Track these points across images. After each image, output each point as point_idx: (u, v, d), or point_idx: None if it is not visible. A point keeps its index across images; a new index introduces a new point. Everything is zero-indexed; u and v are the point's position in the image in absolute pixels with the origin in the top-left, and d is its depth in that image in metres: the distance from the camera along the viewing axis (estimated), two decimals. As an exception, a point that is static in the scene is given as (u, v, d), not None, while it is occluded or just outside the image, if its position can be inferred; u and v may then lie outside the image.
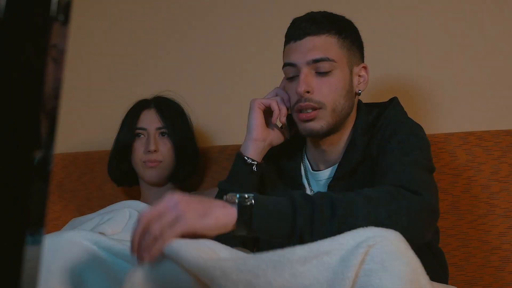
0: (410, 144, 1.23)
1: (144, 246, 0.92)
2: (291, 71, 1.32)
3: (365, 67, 1.36)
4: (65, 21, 0.49)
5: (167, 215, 0.93)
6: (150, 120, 1.79)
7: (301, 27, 1.30)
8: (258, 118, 1.37)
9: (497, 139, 1.59)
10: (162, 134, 1.78)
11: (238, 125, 2.03)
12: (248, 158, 1.35)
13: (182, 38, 2.14)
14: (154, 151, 1.74)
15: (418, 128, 1.30)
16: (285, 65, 1.32)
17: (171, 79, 2.14)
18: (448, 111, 1.78)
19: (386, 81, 1.84)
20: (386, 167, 1.19)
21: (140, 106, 1.83)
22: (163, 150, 1.77)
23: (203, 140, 2.03)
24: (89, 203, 2.03)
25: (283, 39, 1.35)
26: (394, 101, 1.36)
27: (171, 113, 1.82)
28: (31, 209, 0.47)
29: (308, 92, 1.27)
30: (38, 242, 0.50)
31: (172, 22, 2.16)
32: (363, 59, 1.37)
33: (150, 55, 2.19)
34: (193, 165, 1.85)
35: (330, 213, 1.01)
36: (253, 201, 0.99)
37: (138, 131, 1.78)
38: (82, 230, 1.15)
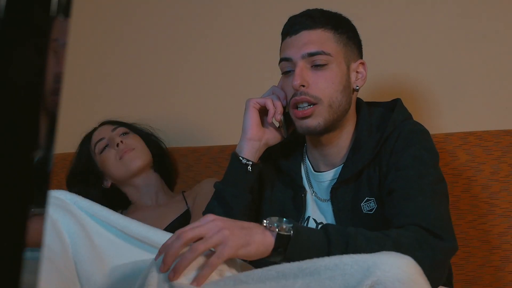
0: (425, 161, 1.23)
1: (183, 261, 0.95)
2: (286, 66, 1.30)
3: (363, 63, 1.34)
4: (65, 21, 0.49)
5: (212, 238, 0.97)
6: (104, 130, 1.81)
7: (297, 22, 1.30)
8: (253, 118, 1.35)
9: (497, 139, 1.59)
10: (122, 133, 1.80)
11: (238, 125, 2.03)
12: (243, 158, 1.34)
13: (182, 37, 2.14)
14: (121, 142, 1.75)
15: (428, 136, 1.30)
16: (281, 60, 1.32)
17: (172, 77, 2.14)
18: (448, 111, 1.78)
19: (386, 80, 1.84)
20: (405, 193, 1.19)
21: (88, 134, 1.85)
22: (130, 141, 1.78)
23: (203, 140, 2.03)
24: (89, 203, 2.03)
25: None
26: (398, 103, 1.34)
27: (121, 122, 1.86)
28: (31, 209, 0.47)
29: (303, 86, 1.26)
30: (38, 243, 0.50)
31: (171, 22, 2.16)
32: (362, 56, 1.36)
33: (150, 55, 2.19)
34: (167, 153, 1.89)
35: (364, 248, 1.03)
36: (291, 232, 1.02)
37: (99, 144, 1.78)
38: (63, 190, 1.19)
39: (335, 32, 1.29)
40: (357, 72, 1.33)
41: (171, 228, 1.69)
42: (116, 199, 1.85)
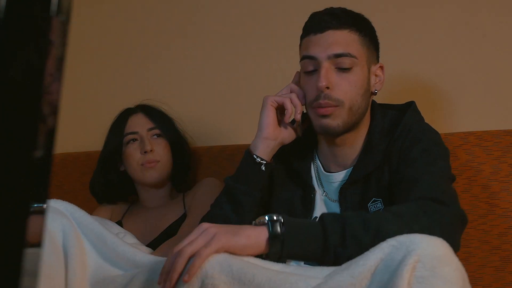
0: (433, 153, 1.23)
1: (174, 267, 0.96)
2: (310, 65, 1.27)
3: (381, 67, 1.34)
4: (65, 21, 0.49)
5: (198, 240, 0.98)
6: (140, 123, 1.78)
7: (323, 20, 1.27)
8: (270, 116, 1.33)
9: (497, 139, 1.59)
10: (155, 135, 1.78)
11: (237, 125, 2.03)
12: (257, 157, 1.32)
13: (183, 36, 2.14)
14: (150, 151, 1.73)
15: (438, 135, 1.30)
16: (304, 58, 1.29)
17: (171, 78, 2.14)
18: (448, 111, 1.78)
19: (386, 81, 1.84)
20: (412, 177, 1.19)
21: (125, 114, 1.82)
22: (159, 150, 1.75)
23: (203, 140, 2.03)
24: (89, 204, 2.03)
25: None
26: (412, 106, 1.34)
27: (159, 114, 1.83)
28: (31, 209, 0.47)
29: (327, 88, 1.24)
30: (38, 242, 0.50)
31: (171, 21, 2.16)
32: (379, 59, 1.35)
33: (151, 54, 2.19)
34: (189, 164, 1.86)
35: (362, 229, 1.02)
36: (282, 219, 1.02)
37: (130, 136, 1.76)
38: (61, 200, 1.19)
39: (360, 34, 1.28)
40: (376, 75, 1.32)
41: (168, 231, 1.70)
42: (127, 185, 1.84)
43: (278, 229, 1.01)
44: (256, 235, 1.00)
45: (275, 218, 1.02)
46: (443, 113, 1.78)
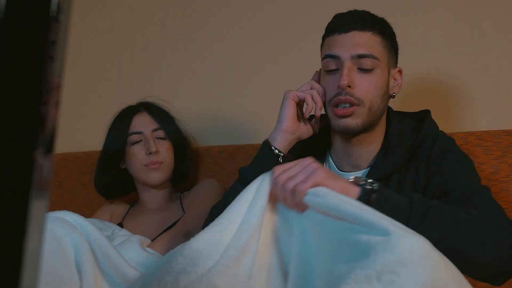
0: (466, 165, 1.27)
1: (283, 198, 1.04)
2: (332, 64, 1.30)
3: (400, 71, 1.37)
4: (66, 21, 0.49)
5: (300, 174, 1.04)
6: (144, 123, 1.77)
7: (347, 21, 1.30)
8: (290, 110, 1.35)
9: (497, 139, 1.59)
10: (159, 136, 1.77)
11: (238, 125, 2.03)
12: (275, 148, 1.34)
13: (184, 35, 2.14)
14: (155, 152, 1.73)
15: (456, 143, 1.33)
16: (326, 57, 1.31)
17: (172, 77, 2.15)
18: (448, 111, 1.78)
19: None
20: (460, 190, 1.21)
21: (129, 112, 1.81)
22: (163, 151, 1.76)
23: (203, 140, 2.03)
24: (89, 203, 2.03)
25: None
26: (429, 114, 1.37)
27: (163, 114, 1.83)
28: (31, 209, 0.47)
29: (349, 86, 1.26)
30: (38, 242, 0.50)
31: (172, 20, 2.16)
32: (397, 63, 1.38)
33: (151, 54, 2.19)
34: (190, 164, 1.86)
35: (438, 222, 1.05)
36: (376, 186, 1.07)
37: (134, 136, 1.75)
38: (71, 212, 1.18)
39: (382, 37, 1.31)
40: (394, 79, 1.35)
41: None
42: (128, 182, 1.84)
43: (368, 197, 1.05)
44: (348, 190, 1.04)
45: (370, 184, 1.06)
46: (442, 114, 1.78)
